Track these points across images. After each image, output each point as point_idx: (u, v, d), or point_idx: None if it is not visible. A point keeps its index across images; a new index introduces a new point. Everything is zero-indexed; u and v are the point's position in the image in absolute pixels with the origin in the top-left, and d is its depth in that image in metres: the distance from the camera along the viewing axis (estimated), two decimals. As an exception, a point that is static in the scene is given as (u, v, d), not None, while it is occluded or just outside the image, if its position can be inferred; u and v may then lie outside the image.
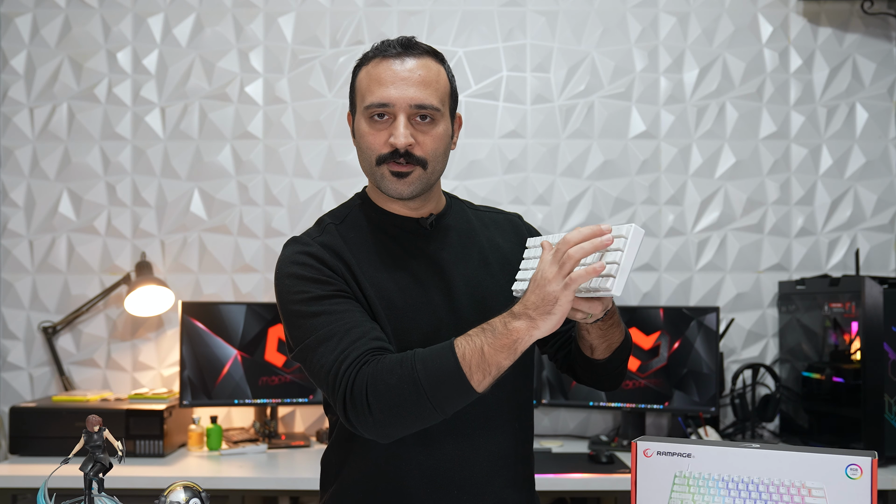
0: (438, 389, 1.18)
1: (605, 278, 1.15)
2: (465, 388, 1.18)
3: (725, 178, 2.96)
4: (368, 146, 1.34)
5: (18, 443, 2.50)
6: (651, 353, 2.72)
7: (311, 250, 1.34)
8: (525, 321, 1.16)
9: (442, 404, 1.19)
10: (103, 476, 1.11)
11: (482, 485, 1.34)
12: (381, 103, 1.30)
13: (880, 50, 2.97)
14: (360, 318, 1.27)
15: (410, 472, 1.32)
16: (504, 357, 1.17)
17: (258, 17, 2.96)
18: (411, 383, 1.18)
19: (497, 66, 2.97)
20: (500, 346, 1.16)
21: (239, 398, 2.69)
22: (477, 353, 1.17)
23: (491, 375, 1.18)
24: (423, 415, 1.20)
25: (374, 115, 1.32)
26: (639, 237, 1.16)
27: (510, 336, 1.16)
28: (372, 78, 1.33)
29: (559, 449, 2.68)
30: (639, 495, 1.15)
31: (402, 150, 1.30)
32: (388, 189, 1.34)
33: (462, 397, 1.19)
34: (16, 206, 2.94)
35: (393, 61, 1.32)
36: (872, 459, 1.03)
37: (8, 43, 2.96)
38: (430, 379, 1.17)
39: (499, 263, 1.43)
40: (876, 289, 2.39)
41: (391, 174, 1.32)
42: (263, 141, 2.95)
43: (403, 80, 1.31)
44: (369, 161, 1.35)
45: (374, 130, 1.32)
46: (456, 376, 1.17)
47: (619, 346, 1.40)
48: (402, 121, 1.30)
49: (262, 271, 2.93)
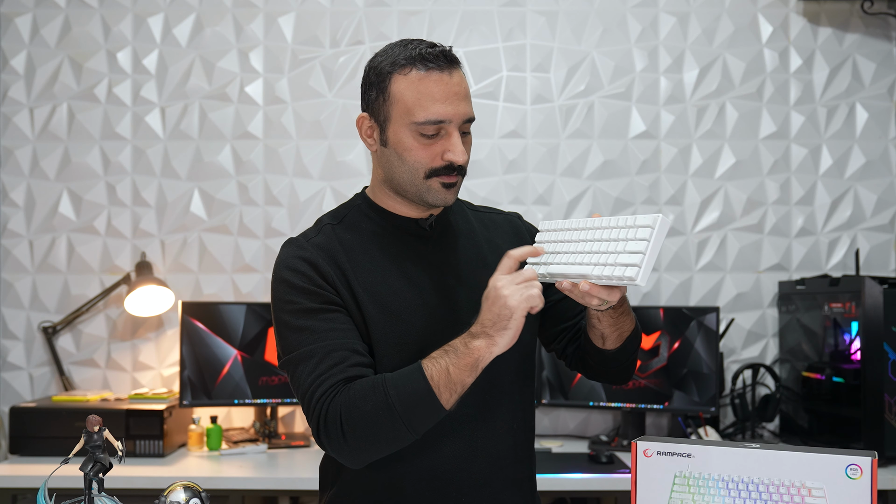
0: (412, 412, 1.21)
1: (629, 267, 1.14)
2: (436, 408, 1.21)
3: (725, 178, 2.96)
4: (417, 160, 1.31)
5: (18, 443, 2.50)
6: (651, 353, 2.72)
7: (305, 255, 1.34)
8: (484, 339, 1.20)
9: (415, 426, 1.22)
10: (103, 476, 1.11)
11: (481, 486, 1.34)
12: (438, 120, 1.29)
13: (880, 50, 2.97)
14: (342, 338, 1.28)
15: (409, 474, 1.32)
16: (467, 376, 1.21)
17: (258, 17, 2.96)
18: (386, 408, 1.21)
19: (497, 66, 2.97)
20: (463, 366, 1.20)
21: (239, 398, 2.69)
22: (444, 373, 1.20)
23: (457, 393, 1.22)
24: (398, 438, 1.23)
25: (427, 133, 1.30)
26: (665, 227, 1.15)
27: (472, 355, 1.20)
28: (421, 93, 1.29)
29: (559, 449, 2.67)
30: (639, 495, 1.15)
31: (463, 165, 1.32)
32: (435, 199, 1.34)
33: (433, 417, 1.23)
34: (16, 206, 2.94)
35: (441, 75, 1.30)
36: (872, 459, 1.03)
37: (8, 43, 2.96)
38: (403, 403, 1.20)
39: (497, 263, 1.43)
40: (876, 289, 2.39)
41: (442, 185, 1.32)
42: (263, 141, 2.95)
43: (455, 95, 1.30)
44: (415, 174, 1.32)
45: (423, 145, 1.31)
46: (428, 398, 1.20)
47: (630, 335, 1.40)
48: (458, 137, 1.30)
49: (262, 271, 2.93)
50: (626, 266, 1.14)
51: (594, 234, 1.23)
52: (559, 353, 1.53)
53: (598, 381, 1.51)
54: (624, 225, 1.18)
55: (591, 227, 1.25)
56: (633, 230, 1.16)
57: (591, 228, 1.24)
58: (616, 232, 1.19)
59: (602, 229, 1.22)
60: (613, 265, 1.16)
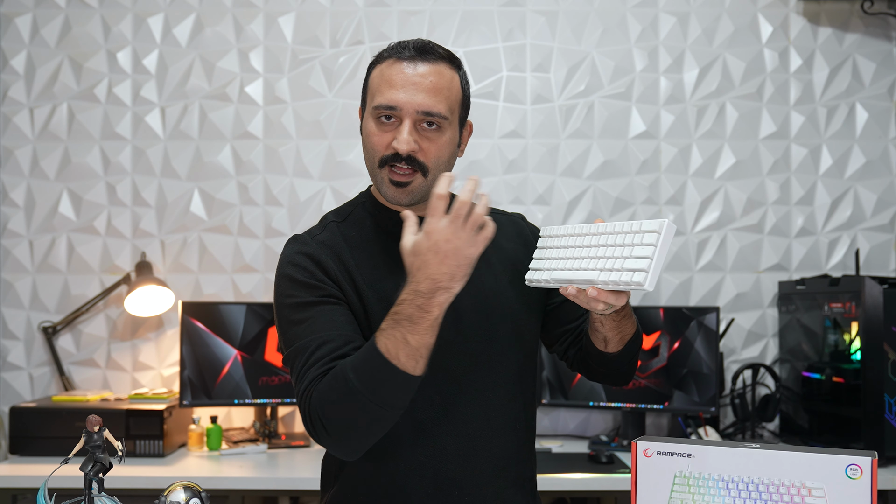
0: (378, 390, 1.18)
1: (636, 272, 1.14)
2: (404, 379, 1.18)
3: (725, 178, 2.96)
4: (372, 146, 1.34)
5: (18, 443, 2.50)
6: (651, 353, 2.72)
7: (308, 250, 1.35)
8: (443, 293, 1.17)
9: (389, 401, 1.19)
10: (103, 476, 1.11)
11: (483, 485, 1.34)
12: (389, 106, 1.30)
13: (880, 50, 2.97)
14: (336, 329, 1.27)
15: (411, 473, 1.32)
16: (430, 336, 1.18)
17: (258, 17, 2.96)
18: (351, 394, 1.18)
19: (497, 66, 2.97)
20: (423, 330, 1.17)
21: (239, 398, 2.69)
22: (401, 343, 1.17)
23: (423, 357, 1.18)
24: (376, 418, 1.20)
25: (382, 117, 1.32)
26: (671, 232, 1.15)
27: (430, 315, 1.17)
28: (383, 78, 1.32)
29: (559, 449, 2.68)
30: (639, 495, 1.15)
31: (405, 155, 1.30)
32: (386, 195, 1.35)
33: (406, 387, 1.19)
34: (16, 206, 2.94)
35: (406, 64, 1.32)
36: (872, 459, 1.03)
37: (8, 43, 2.96)
38: (366, 384, 1.18)
39: (501, 264, 1.43)
40: (876, 289, 2.39)
41: (390, 182, 1.32)
42: (263, 141, 2.96)
43: (413, 85, 1.30)
44: (372, 161, 1.35)
45: (379, 131, 1.33)
46: (390, 372, 1.17)
47: (632, 338, 1.40)
48: (408, 126, 1.30)
49: (262, 271, 2.93)
50: (634, 271, 1.14)
51: (598, 239, 1.23)
52: (561, 354, 1.53)
53: (600, 382, 1.51)
54: (630, 230, 1.18)
55: (594, 233, 1.24)
56: (639, 235, 1.16)
57: (594, 234, 1.24)
58: (622, 237, 1.18)
59: (607, 234, 1.21)
60: (621, 270, 1.16)
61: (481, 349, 1.35)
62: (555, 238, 1.32)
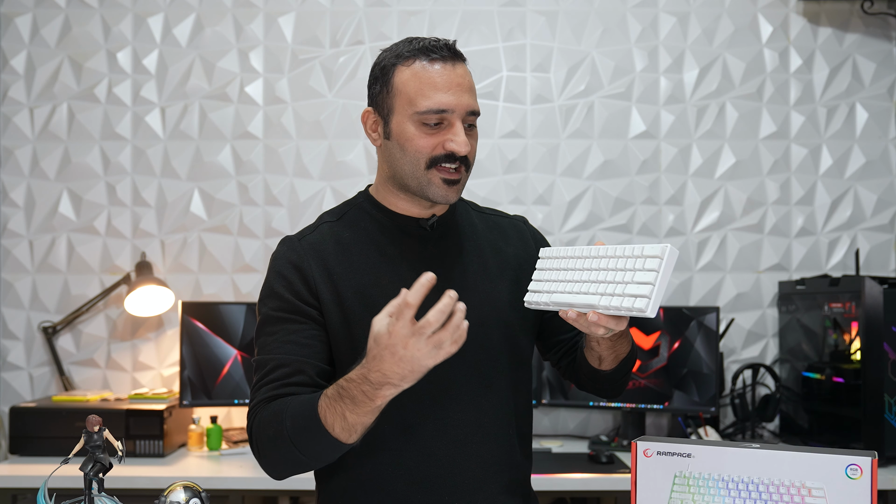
0: (309, 447, 1.20)
1: (638, 298, 1.12)
2: (334, 445, 1.19)
3: (725, 178, 2.96)
4: (418, 149, 1.31)
5: (18, 443, 2.50)
6: (651, 353, 2.72)
7: (294, 258, 1.35)
8: (390, 389, 1.14)
9: (316, 456, 1.22)
10: (103, 476, 1.11)
11: (474, 490, 1.33)
12: (440, 109, 1.29)
13: (880, 50, 2.97)
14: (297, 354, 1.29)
15: (401, 477, 1.32)
16: (369, 418, 1.17)
17: (258, 17, 2.96)
18: (284, 440, 1.21)
19: (497, 66, 2.97)
20: (362, 412, 1.16)
21: (239, 398, 2.69)
22: (339, 418, 1.17)
23: (357, 433, 1.18)
24: (304, 465, 1.25)
25: (431, 122, 1.30)
26: (674, 258, 1.13)
27: (374, 402, 1.15)
28: (423, 82, 1.29)
29: (559, 449, 2.67)
30: (639, 495, 1.15)
31: (462, 155, 1.30)
32: (435, 194, 1.33)
33: (334, 451, 1.21)
34: (16, 206, 2.94)
35: (445, 65, 1.31)
36: (872, 459, 1.03)
37: (8, 43, 2.96)
38: (298, 435, 1.20)
39: (498, 267, 1.42)
40: (876, 289, 2.39)
41: (443, 181, 1.31)
42: (263, 141, 2.95)
43: (459, 86, 1.30)
44: (417, 164, 1.31)
45: (425, 134, 1.30)
46: (322, 436, 1.18)
47: (626, 357, 1.39)
48: (461, 127, 1.30)
49: (262, 271, 2.93)
50: (636, 297, 1.12)
51: (599, 262, 1.21)
52: (554, 363, 1.54)
53: (589, 392, 1.51)
54: (632, 255, 1.16)
55: (595, 256, 1.22)
56: (641, 260, 1.14)
57: (595, 257, 1.22)
58: (623, 262, 1.17)
59: (608, 258, 1.20)
60: (622, 296, 1.14)
61: (474, 356, 1.34)
62: (554, 259, 1.31)
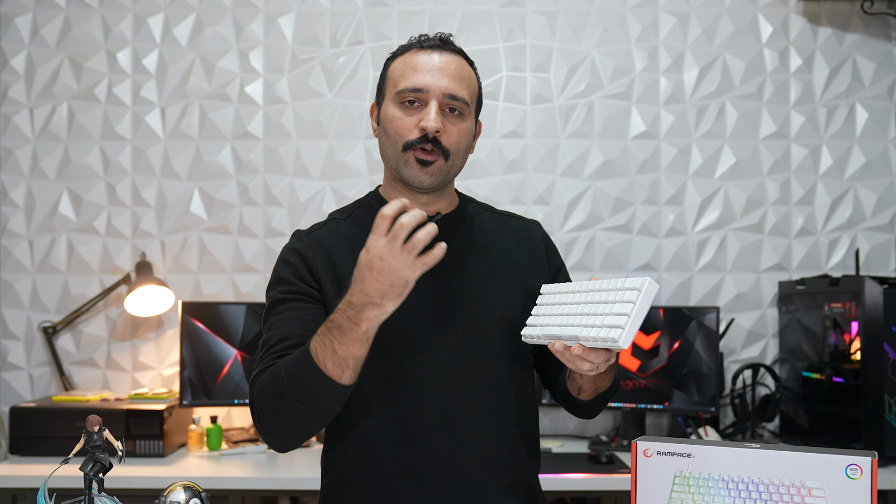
0: (304, 393, 1.20)
1: (612, 329, 1.13)
2: (329, 386, 1.19)
3: (725, 178, 2.96)
4: (396, 130, 1.34)
5: (18, 443, 2.50)
6: (651, 353, 2.72)
7: (300, 247, 1.39)
8: (373, 309, 1.15)
9: (313, 403, 1.21)
10: (103, 476, 1.11)
11: (472, 489, 1.33)
12: (416, 88, 1.33)
13: (880, 50, 2.97)
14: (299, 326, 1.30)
15: (399, 473, 1.32)
16: (357, 349, 1.17)
17: (258, 17, 2.96)
18: (280, 391, 1.21)
19: (497, 66, 2.97)
20: (350, 341, 1.17)
21: (239, 398, 2.69)
22: (329, 352, 1.17)
23: (350, 368, 1.18)
24: (302, 417, 1.23)
25: (406, 101, 1.34)
26: (653, 291, 1.15)
27: (359, 328, 1.16)
28: (407, 65, 1.36)
29: (559, 449, 2.67)
30: (639, 495, 1.15)
31: (432, 134, 1.32)
32: (409, 176, 1.35)
33: (332, 393, 1.20)
34: (16, 206, 2.94)
35: (430, 52, 1.36)
36: (872, 459, 1.03)
37: (8, 43, 2.96)
38: (294, 384, 1.20)
39: (505, 268, 1.42)
40: (876, 289, 2.39)
41: (416, 161, 1.33)
42: (263, 141, 2.96)
43: (439, 70, 1.34)
44: (395, 146, 1.35)
45: (403, 115, 1.34)
46: (317, 377, 1.18)
47: (605, 391, 1.40)
48: (434, 106, 1.33)
49: (262, 271, 2.93)
50: (611, 328, 1.14)
51: (587, 296, 1.24)
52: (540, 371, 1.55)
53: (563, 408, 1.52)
54: (614, 287, 1.19)
55: (587, 290, 1.25)
56: (621, 293, 1.17)
57: (585, 291, 1.25)
58: (606, 294, 1.19)
59: (595, 292, 1.23)
60: (600, 327, 1.16)
61: (475, 353, 1.35)
62: (552, 295, 1.34)
